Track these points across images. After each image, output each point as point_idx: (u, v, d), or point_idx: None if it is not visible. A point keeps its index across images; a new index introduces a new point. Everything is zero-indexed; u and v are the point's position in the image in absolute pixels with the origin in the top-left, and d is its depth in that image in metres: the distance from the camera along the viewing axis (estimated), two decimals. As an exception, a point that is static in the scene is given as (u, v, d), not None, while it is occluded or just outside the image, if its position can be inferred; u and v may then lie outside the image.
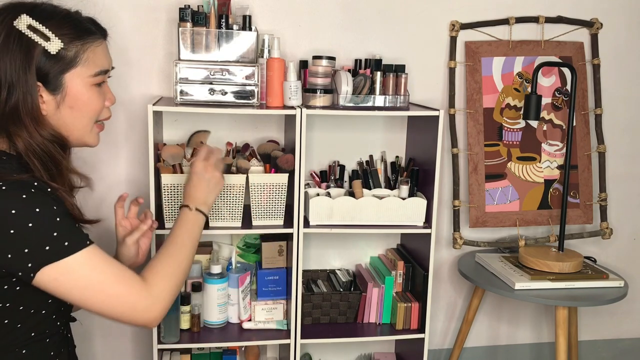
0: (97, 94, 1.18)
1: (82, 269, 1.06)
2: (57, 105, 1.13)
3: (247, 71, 1.67)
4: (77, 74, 1.13)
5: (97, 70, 1.16)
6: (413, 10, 2.00)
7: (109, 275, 1.09)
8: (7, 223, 0.99)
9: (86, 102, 1.16)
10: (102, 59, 1.19)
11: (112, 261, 1.11)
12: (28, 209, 1.01)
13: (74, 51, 1.12)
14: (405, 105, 1.81)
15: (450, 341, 2.29)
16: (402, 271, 1.94)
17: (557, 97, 2.13)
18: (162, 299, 1.17)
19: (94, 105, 1.18)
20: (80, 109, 1.16)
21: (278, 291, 1.89)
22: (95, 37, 1.17)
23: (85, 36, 1.14)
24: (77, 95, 1.14)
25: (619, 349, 2.45)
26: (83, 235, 1.09)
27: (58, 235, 1.03)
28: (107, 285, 1.09)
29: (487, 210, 2.11)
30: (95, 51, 1.16)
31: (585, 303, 1.86)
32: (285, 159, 1.71)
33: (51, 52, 1.09)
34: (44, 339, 1.15)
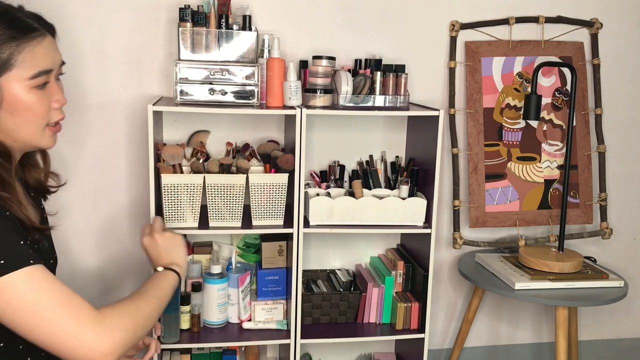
0: (39, 97, 1.10)
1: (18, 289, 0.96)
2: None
3: (247, 71, 1.67)
4: (12, 77, 1.05)
5: (36, 72, 1.08)
6: (413, 10, 2.00)
7: (51, 297, 0.98)
8: None
9: (26, 106, 1.08)
10: (43, 59, 1.10)
11: (59, 284, 1.01)
12: None
13: (7, 53, 1.04)
14: (405, 105, 1.81)
15: (450, 341, 2.29)
16: (402, 271, 1.94)
17: (557, 97, 2.13)
18: (114, 333, 1.01)
19: (36, 109, 1.10)
20: (20, 114, 1.08)
21: (278, 291, 1.89)
22: (34, 35, 1.08)
23: (20, 36, 1.06)
24: (14, 99, 1.06)
25: (618, 349, 2.45)
26: (25, 253, 0.99)
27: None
28: (46, 308, 0.97)
29: (487, 210, 2.11)
30: (33, 51, 1.07)
31: (585, 303, 1.86)
32: (285, 159, 1.71)
33: None
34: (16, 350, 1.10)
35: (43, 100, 1.11)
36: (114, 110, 1.87)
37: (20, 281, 0.96)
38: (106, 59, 1.83)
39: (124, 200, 1.92)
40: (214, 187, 1.68)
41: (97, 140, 1.87)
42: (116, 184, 1.91)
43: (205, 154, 1.83)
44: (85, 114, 1.85)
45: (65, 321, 0.98)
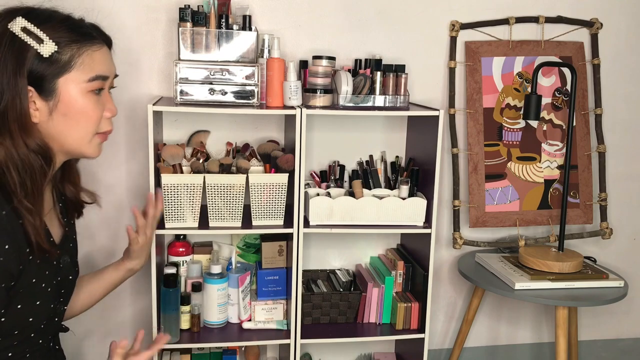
0: (94, 102, 1.11)
1: None
2: (50, 112, 1.07)
3: (247, 71, 1.67)
4: (71, 79, 1.08)
5: (93, 75, 1.10)
6: (413, 10, 2.00)
7: None
8: None
9: (80, 109, 1.09)
10: (101, 65, 1.12)
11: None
12: None
13: (69, 55, 1.07)
14: (405, 105, 1.81)
15: (450, 341, 2.29)
16: (402, 271, 1.94)
17: (557, 97, 2.13)
18: None
19: (89, 113, 1.11)
20: (74, 117, 1.09)
21: (278, 291, 1.89)
22: (94, 41, 1.12)
23: (81, 40, 1.09)
24: (70, 101, 1.08)
25: (618, 349, 2.45)
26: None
27: None
28: None
29: (487, 210, 2.11)
30: (92, 56, 1.10)
31: (585, 303, 1.86)
32: (285, 159, 1.71)
33: (44, 55, 1.04)
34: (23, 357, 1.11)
35: (97, 106, 1.12)
36: (114, 110, 1.86)
37: None
38: (106, 59, 1.83)
39: (123, 200, 1.92)
40: (214, 187, 1.68)
41: (97, 140, 1.87)
42: (116, 184, 1.91)
43: (205, 154, 1.83)
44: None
45: None
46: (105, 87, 1.16)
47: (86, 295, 1.44)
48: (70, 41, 1.08)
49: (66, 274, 1.21)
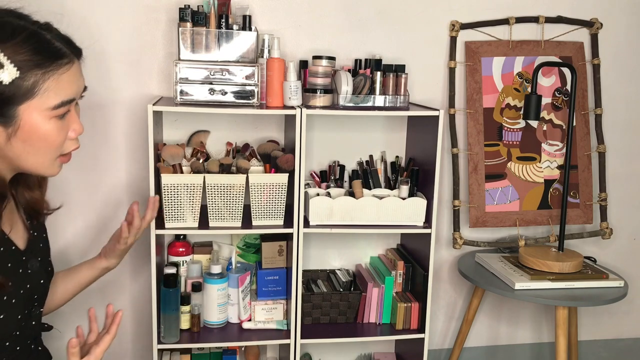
0: (58, 128, 1.02)
1: None
2: (8, 138, 0.99)
3: (247, 71, 1.67)
4: (33, 106, 0.98)
5: (59, 102, 1.01)
6: (413, 10, 2.00)
7: None
8: None
9: (42, 137, 1.01)
10: (68, 88, 1.02)
11: None
12: None
13: (32, 80, 0.97)
14: (405, 105, 1.81)
15: (450, 341, 2.29)
16: (402, 271, 1.94)
17: (557, 97, 2.13)
18: None
19: (51, 140, 1.02)
20: (34, 144, 1.01)
21: (278, 291, 1.89)
22: (62, 62, 1.01)
23: (47, 63, 0.99)
24: (31, 129, 0.99)
25: (618, 349, 2.45)
26: None
27: None
28: None
29: (487, 210, 2.11)
30: (59, 80, 1.00)
31: (585, 303, 1.86)
32: (285, 159, 1.71)
33: (4, 82, 0.95)
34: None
35: (61, 130, 1.04)
36: (114, 110, 1.87)
37: None
38: (106, 59, 1.83)
39: (123, 200, 1.92)
40: (214, 187, 1.68)
41: (97, 140, 1.87)
42: (116, 184, 1.91)
43: (205, 154, 1.83)
44: (85, 114, 1.84)
45: None
46: (72, 108, 1.07)
47: (60, 294, 1.41)
48: (35, 65, 0.97)
49: (37, 279, 1.15)
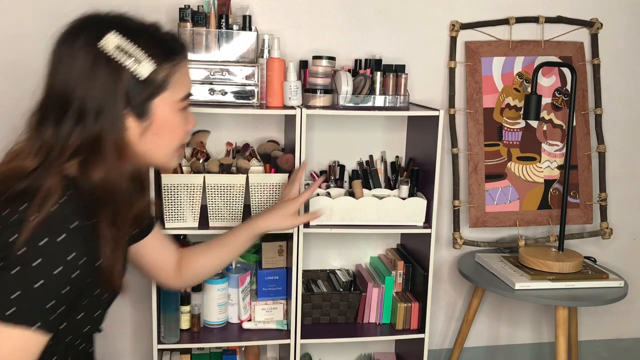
0: (182, 119, 1.08)
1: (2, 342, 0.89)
2: (142, 132, 1.02)
3: (247, 71, 1.67)
4: (165, 99, 1.03)
5: (186, 94, 1.07)
6: (413, 10, 2.00)
7: None
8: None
9: (172, 129, 1.06)
10: (188, 81, 1.09)
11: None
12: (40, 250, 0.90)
13: (164, 74, 1.02)
14: (405, 105, 1.81)
15: (450, 341, 2.29)
16: (402, 271, 1.94)
17: (557, 97, 2.13)
18: None
19: (179, 131, 1.08)
20: (164, 136, 1.05)
21: (278, 291, 1.89)
22: (183, 55, 1.07)
23: (174, 57, 1.04)
24: (164, 121, 1.04)
25: (618, 349, 2.45)
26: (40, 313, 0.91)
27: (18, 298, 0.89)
28: None
29: (487, 210, 2.11)
30: (182, 72, 1.06)
31: (585, 303, 1.86)
32: (285, 159, 1.71)
33: (141, 77, 0.99)
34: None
35: (184, 122, 1.09)
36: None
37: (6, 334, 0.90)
38: (106, 59, 1.83)
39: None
40: (214, 187, 1.68)
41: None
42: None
43: (205, 154, 1.82)
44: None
45: None
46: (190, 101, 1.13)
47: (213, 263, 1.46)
48: (165, 58, 1.02)
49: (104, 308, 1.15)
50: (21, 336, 0.90)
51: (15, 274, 0.89)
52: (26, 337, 0.91)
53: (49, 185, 0.94)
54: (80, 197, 0.97)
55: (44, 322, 0.92)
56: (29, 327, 0.90)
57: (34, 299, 0.91)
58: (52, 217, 0.92)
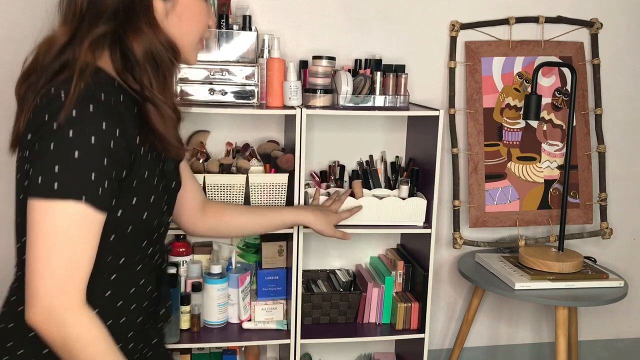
0: (206, 8, 1.10)
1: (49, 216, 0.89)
2: (166, 14, 1.03)
3: (247, 71, 1.67)
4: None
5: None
6: (413, 10, 2.00)
7: (68, 247, 0.90)
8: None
9: (196, 14, 1.07)
10: None
11: (88, 242, 0.92)
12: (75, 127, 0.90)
13: None
14: (405, 105, 1.81)
15: (450, 341, 2.29)
16: (402, 271, 1.94)
17: (557, 97, 2.13)
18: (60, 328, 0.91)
19: (202, 19, 1.09)
20: (188, 21, 1.06)
21: (278, 291, 1.89)
22: None
23: None
24: (187, 4, 1.05)
25: (618, 349, 2.45)
26: (88, 185, 0.90)
27: (60, 172, 0.89)
28: (53, 251, 0.89)
29: (487, 210, 2.11)
30: None
31: (585, 303, 1.86)
32: (285, 159, 1.71)
33: None
34: (134, 266, 1.07)
35: (207, 12, 1.11)
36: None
37: (58, 211, 0.89)
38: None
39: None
40: (214, 187, 1.67)
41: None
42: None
43: (205, 154, 1.83)
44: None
45: (56, 275, 0.89)
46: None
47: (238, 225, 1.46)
48: None
49: (170, 180, 1.15)
50: (72, 211, 0.90)
51: (53, 149, 0.89)
52: (77, 212, 0.90)
53: (81, 59, 0.96)
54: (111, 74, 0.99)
55: (91, 196, 0.91)
56: (77, 200, 0.89)
57: (75, 172, 0.90)
58: (84, 90, 0.92)
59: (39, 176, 0.90)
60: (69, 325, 0.91)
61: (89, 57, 0.97)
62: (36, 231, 0.90)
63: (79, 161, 0.90)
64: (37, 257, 0.89)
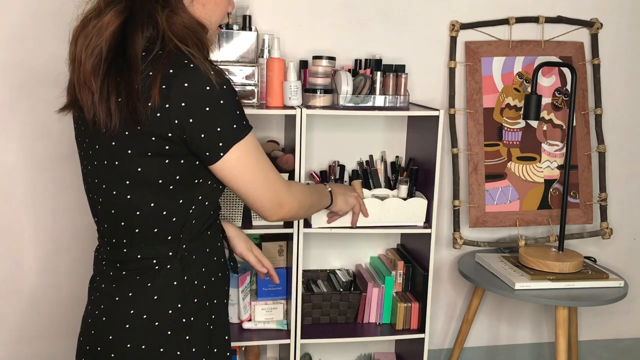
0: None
1: (255, 147, 1.12)
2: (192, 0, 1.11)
3: (247, 71, 1.67)
4: None
5: None
6: (413, 10, 2.00)
7: (265, 159, 1.15)
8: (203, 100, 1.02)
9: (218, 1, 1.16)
10: None
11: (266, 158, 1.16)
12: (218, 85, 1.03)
13: None
14: (405, 105, 1.81)
15: (450, 341, 2.29)
16: (402, 271, 1.94)
17: (557, 97, 2.13)
18: (293, 202, 1.23)
19: (223, 6, 1.19)
20: (211, 8, 1.15)
21: (278, 291, 1.89)
22: None
23: None
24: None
25: (619, 349, 2.45)
26: (247, 120, 1.11)
27: (240, 113, 1.08)
28: (269, 168, 1.15)
29: (487, 210, 2.11)
30: None
31: (585, 303, 1.86)
32: (285, 159, 1.71)
33: None
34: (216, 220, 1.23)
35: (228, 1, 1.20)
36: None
37: (253, 139, 1.11)
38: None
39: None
40: (214, 187, 1.67)
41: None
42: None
43: (205, 154, 1.83)
44: (85, 114, 1.84)
45: (275, 181, 1.17)
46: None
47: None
48: None
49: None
50: (253, 139, 1.12)
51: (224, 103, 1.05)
52: (254, 139, 1.12)
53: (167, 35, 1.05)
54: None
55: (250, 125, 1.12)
56: (250, 130, 1.11)
57: (242, 109, 1.10)
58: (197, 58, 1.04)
59: (232, 124, 1.06)
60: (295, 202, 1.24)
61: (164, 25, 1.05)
62: (245, 167, 1.10)
63: (238, 102, 1.08)
64: (259, 181, 1.14)
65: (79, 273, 1.92)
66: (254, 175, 1.12)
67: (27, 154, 1.84)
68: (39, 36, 1.76)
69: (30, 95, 1.79)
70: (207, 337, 1.19)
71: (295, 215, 1.29)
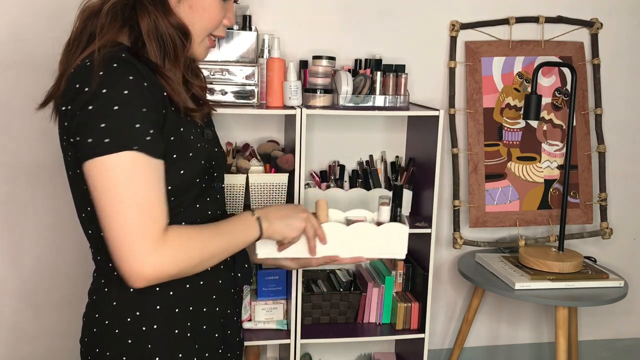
0: (220, 6, 1.11)
1: (110, 171, 0.92)
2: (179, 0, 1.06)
3: (247, 71, 1.67)
4: None
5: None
6: (413, 10, 2.00)
7: (136, 194, 0.93)
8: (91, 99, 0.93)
9: (207, 6, 1.09)
10: None
11: (151, 186, 0.95)
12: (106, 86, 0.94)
13: None
14: (405, 105, 1.81)
15: (450, 341, 2.29)
16: (402, 271, 1.94)
17: (557, 97, 2.13)
18: (161, 266, 0.96)
19: (213, 13, 1.10)
20: (198, 12, 1.08)
21: (278, 291, 1.89)
22: None
23: None
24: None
25: (619, 349, 2.45)
26: (135, 136, 0.93)
27: (106, 127, 0.92)
28: (123, 203, 0.92)
29: (487, 210, 2.11)
30: None
31: (585, 303, 1.86)
32: (285, 159, 1.71)
33: None
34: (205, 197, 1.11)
35: (221, 10, 1.11)
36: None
37: (114, 164, 0.92)
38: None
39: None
40: (214, 187, 1.67)
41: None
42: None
43: (205, 154, 1.82)
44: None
45: (132, 225, 0.93)
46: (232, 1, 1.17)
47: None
48: None
49: (212, 145, 1.16)
50: (128, 161, 0.92)
51: (93, 109, 0.93)
52: (132, 161, 0.93)
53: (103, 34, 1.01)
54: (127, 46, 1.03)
55: (141, 143, 0.93)
56: (129, 149, 0.92)
57: (120, 123, 0.93)
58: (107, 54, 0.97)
59: (87, 138, 0.92)
60: (165, 264, 0.96)
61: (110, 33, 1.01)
62: (100, 191, 0.93)
63: (120, 113, 0.92)
64: (110, 216, 0.93)
65: (78, 273, 1.92)
66: (100, 202, 0.94)
67: (27, 154, 1.85)
68: (39, 36, 1.76)
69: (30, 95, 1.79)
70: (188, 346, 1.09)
71: (175, 276, 1.00)
